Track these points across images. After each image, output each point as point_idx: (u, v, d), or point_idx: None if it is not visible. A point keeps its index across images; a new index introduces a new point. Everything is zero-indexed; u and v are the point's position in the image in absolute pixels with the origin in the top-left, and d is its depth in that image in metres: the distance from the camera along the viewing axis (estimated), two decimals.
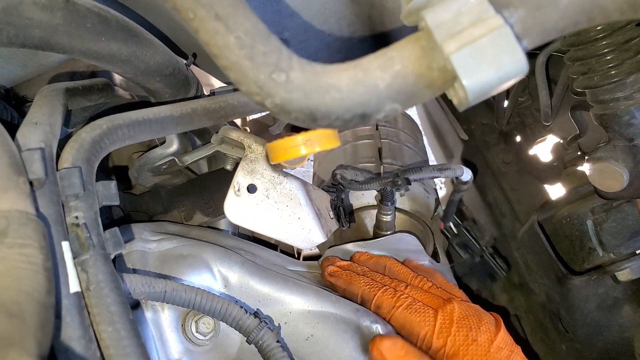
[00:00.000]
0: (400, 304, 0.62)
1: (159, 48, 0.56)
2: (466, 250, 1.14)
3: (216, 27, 0.34)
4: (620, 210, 0.81)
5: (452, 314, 0.60)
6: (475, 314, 0.61)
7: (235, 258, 0.63)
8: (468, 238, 1.14)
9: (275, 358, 0.53)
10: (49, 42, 0.46)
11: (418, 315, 0.61)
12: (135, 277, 0.49)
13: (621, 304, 0.88)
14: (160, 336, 0.58)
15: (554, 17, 0.33)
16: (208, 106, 0.57)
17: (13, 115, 0.64)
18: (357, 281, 0.67)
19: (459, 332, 0.58)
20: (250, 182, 0.63)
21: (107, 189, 0.47)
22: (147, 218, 0.78)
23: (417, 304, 0.62)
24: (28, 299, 0.33)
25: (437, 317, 0.60)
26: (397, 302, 0.63)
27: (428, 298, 0.64)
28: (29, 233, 0.36)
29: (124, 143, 0.51)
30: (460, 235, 1.14)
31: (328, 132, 0.49)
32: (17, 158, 0.40)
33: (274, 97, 0.34)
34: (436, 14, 0.33)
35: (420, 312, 0.61)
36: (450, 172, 0.85)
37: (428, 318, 0.60)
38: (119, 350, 0.40)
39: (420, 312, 0.61)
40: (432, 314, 0.61)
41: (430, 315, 0.61)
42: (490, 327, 0.60)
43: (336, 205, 0.80)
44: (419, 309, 0.62)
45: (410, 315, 0.61)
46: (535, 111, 1.14)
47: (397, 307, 0.62)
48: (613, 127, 0.71)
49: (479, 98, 0.32)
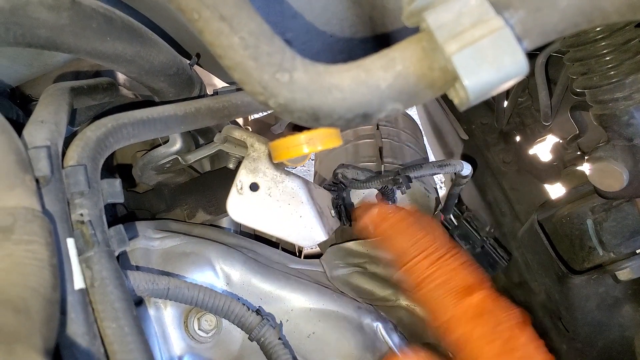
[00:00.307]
0: (429, 281, 0.61)
1: (163, 48, 0.57)
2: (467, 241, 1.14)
3: (221, 28, 0.34)
4: (620, 209, 0.81)
5: (471, 308, 0.59)
6: (493, 312, 0.60)
7: (238, 256, 0.64)
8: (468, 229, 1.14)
9: (277, 355, 0.53)
10: (55, 42, 0.47)
11: (441, 301, 0.60)
12: (138, 274, 0.49)
13: (621, 303, 0.88)
14: (162, 333, 0.59)
15: (553, 19, 0.33)
16: (211, 105, 0.58)
17: (19, 113, 0.64)
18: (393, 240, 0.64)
19: (475, 329, 0.58)
20: (252, 181, 0.63)
21: (111, 187, 0.48)
22: (151, 216, 0.78)
23: (444, 288, 0.61)
24: (34, 294, 0.33)
25: (461, 307, 0.59)
26: (426, 280, 0.61)
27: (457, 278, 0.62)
28: (35, 230, 0.37)
29: (128, 142, 0.51)
30: (461, 226, 1.14)
31: (330, 131, 0.50)
32: (24, 156, 0.41)
33: (277, 96, 0.34)
34: (437, 15, 0.33)
35: (443, 298, 0.60)
36: (450, 168, 0.85)
37: (449, 306, 0.59)
38: (122, 346, 0.41)
39: (444, 297, 0.60)
40: (454, 302, 0.60)
41: (452, 304, 0.60)
42: (505, 327, 0.58)
43: (337, 204, 0.80)
44: (443, 293, 0.60)
45: (434, 299, 0.60)
46: (535, 111, 1.14)
47: (425, 285, 0.61)
48: (612, 127, 0.71)
49: (480, 98, 0.33)
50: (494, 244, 1.13)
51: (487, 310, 0.60)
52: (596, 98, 0.71)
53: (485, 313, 0.59)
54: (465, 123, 1.28)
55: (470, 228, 1.14)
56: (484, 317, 0.59)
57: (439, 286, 0.61)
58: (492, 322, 0.58)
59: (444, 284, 0.61)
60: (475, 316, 0.59)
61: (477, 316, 0.59)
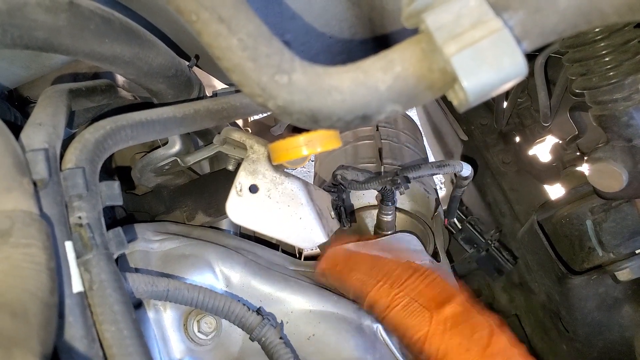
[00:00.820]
0: (396, 304, 0.61)
1: (162, 50, 0.57)
2: (471, 245, 1.14)
3: (219, 30, 0.34)
4: (620, 210, 0.82)
5: (446, 320, 0.59)
6: (469, 320, 0.60)
7: (237, 258, 0.64)
8: (473, 232, 1.13)
9: (279, 354, 0.53)
10: (52, 43, 0.46)
11: (413, 319, 0.60)
12: (138, 277, 0.49)
13: (621, 303, 0.88)
14: (162, 336, 0.58)
15: (553, 20, 0.33)
16: (210, 107, 0.57)
17: (16, 116, 0.64)
18: (349, 278, 0.65)
19: (452, 339, 0.57)
20: (252, 183, 0.63)
21: (110, 189, 0.47)
22: (150, 218, 0.78)
23: (413, 305, 0.61)
24: (32, 298, 0.33)
25: (431, 322, 0.59)
26: (393, 302, 0.61)
27: (428, 292, 0.63)
28: (32, 233, 0.37)
29: (127, 144, 0.51)
30: (465, 230, 1.14)
31: (329, 132, 0.50)
32: (21, 158, 0.41)
33: (276, 98, 0.34)
34: (436, 17, 0.33)
35: (415, 315, 0.60)
36: (449, 168, 0.85)
37: (423, 322, 0.59)
38: (121, 349, 0.41)
39: (416, 314, 0.60)
40: (427, 317, 0.60)
41: (425, 319, 0.59)
42: (483, 335, 0.58)
43: (337, 205, 0.80)
44: (414, 311, 0.60)
45: (405, 318, 0.60)
46: (534, 112, 1.14)
47: (392, 307, 0.61)
48: (612, 127, 0.72)
49: (479, 99, 0.33)
50: (499, 247, 1.13)
51: (462, 320, 0.59)
52: (595, 99, 0.71)
53: (460, 323, 0.59)
54: (465, 124, 1.28)
55: (475, 231, 1.14)
56: (459, 327, 0.58)
57: (407, 305, 0.61)
58: (468, 331, 0.58)
59: (411, 302, 0.61)
60: (451, 327, 0.58)
61: (452, 327, 0.58)
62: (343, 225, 0.81)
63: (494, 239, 1.14)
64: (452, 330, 0.58)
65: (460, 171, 0.88)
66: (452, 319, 0.59)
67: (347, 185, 0.84)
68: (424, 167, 0.84)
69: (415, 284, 0.65)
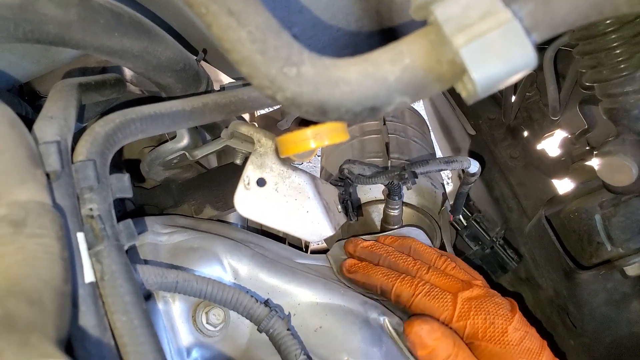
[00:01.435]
0: (419, 291, 0.64)
1: (170, 44, 0.57)
2: (476, 242, 1.14)
3: (228, 22, 0.34)
4: (629, 204, 0.81)
5: (470, 299, 0.62)
6: (492, 299, 0.63)
7: (245, 251, 0.64)
8: (478, 229, 1.13)
9: (287, 346, 0.53)
10: (63, 38, 0.47)
11: (437, 301, 0.63)
12: (147, 268, 0.50)
13: (630, 298, 0.87)
14: (171, 327, 0.59)
15: (563, 11, 0.33)
16: (219, 101, 0.58)
17: (27, 110, 0.65)
18: (374, 273, 0.67)
19: (477, 315, 0.61)
20: (259, 176, 0.64)
21: (120, 182, 0.48)
22: (158, 212, 0.79)
23: (435, 290, 0.64)
24: (46, 286, 0.34)
25: (456, 302, 0.62)
26: (416, 290, 0.64)
27: (448, 282, 0.66)
28: (46, 224, 0.37)
29: (136, 137, 0.51)
30: (470, 227, 1.14)
31: (337, 125, 0.50)
32: (35, 151, 0.41)
33: (285, 90, 0.34)
34: (445, 8, 0.33)
35: (438, 298, 0.63)
36: (457, 164, 0.85)
37: (446, 303, 0.62)
38: (132, 338, 0.41)
39: (439, 298, 0.63)
40: (451, 299, 0.63)
41: (448, 301, 0.63)
42: (506, 311, 0.62)
43: (344, 199, 0.81)
44: (437, 294, 0.63)
45: (429, 302, 0.63)
46: (543, 106, 1.13)
47: (416, 294, 0.64)
48: (622, 121, 0.71)
49: (488, 91, 0.33)
50: (504, 244, 1.13)
51: (486, 299, 0.63)
52: (606, 92, 0.70)
53: (485, 302, 0.62)
54: (473, 118, 1.27)
55: (480, 228, 1.14)
56: (483, 305, 0.62)
57: (430, 291, 0.64)
58: (492, 308, 0.62)
59: (433, 288, 0.64)
60: (475, 306, 0.62)
61: (477, 306, 0.62)
62: (350, 219, 0.82)
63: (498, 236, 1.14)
64: (477, 308, 0.61)
65: (467, 167, 0.87)
66: (476, 299, 0.62)
67: (354, 179, 0.84)
68: (431, 162, 0.84)
69: (443, 266, 0.69)
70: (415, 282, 0.65)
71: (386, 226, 0.86)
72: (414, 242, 0.74)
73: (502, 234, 1.13)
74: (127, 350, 0.41)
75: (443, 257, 0.71)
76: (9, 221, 0.35)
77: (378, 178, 0.83)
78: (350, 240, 0.76)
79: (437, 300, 0.63)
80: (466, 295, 0.63)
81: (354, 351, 0.60)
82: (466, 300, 0.63)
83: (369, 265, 0.70)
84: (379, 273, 0.67)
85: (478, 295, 0.63)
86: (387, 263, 0.70)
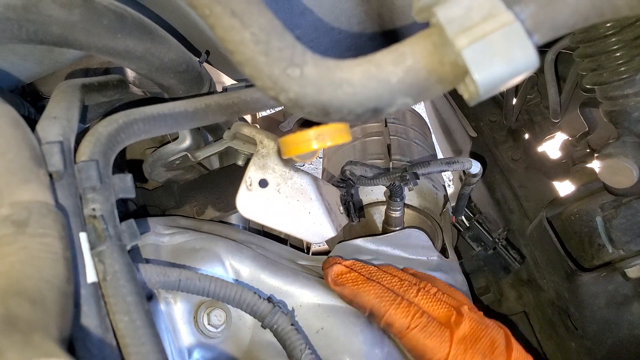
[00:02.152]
0: (415, 324, 0.59)
1: (173, 45, 0.57)
2: (479, 243, 1.14)
3: (232, 24, 0.34)
4: (630, 206, 0.81)
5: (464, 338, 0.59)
6: (487, 334, 0.60)
7: (247, 252, 0.64)
8: (480, 230, 1.13)
9: (291, 341, 0.53)
10: (67, 38, 0.47)
11: (432, 340, 0.58)
12: (150, 267, 0.50)
13: (631, 300, 0.87)
14: (173, 328, 0.59)
15: (564, 13, 0.33)
16: (221, 102, 0.58)
17: (30, 110, 0.65)
18: (365, 291, 0.62)
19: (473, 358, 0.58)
20: (261, 177, 0.64)
21: (123, 182, 0.48)
22: (160, 212, 0.79)
23: (432, 326, 0.59)
24: (49, 286, 0.34)
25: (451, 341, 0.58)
26: (412, 323, 0.59)
27: (439, 308, 0.62)
28: (49, 223, 0.37)
29: (139, 137, 0.52)
30: (472, 228, 1.14)
31: (339, 126, 0.50)
32: (38, 151, 0.42)
33: (288, 91, 0.34)
34: (447, 10, 0.33)
35: (435, 336, 0.59)
36: (459, 166, 0.85)
37: (443, 343, 0.58)
38: (134, 339, 0.41)
39: (435, 335, 0.59)
40: (447, 337, 0.59)
41: (445, 340, 0.59)
42: (502, 349, 0.59)
43: (346, 201, 0.81)
44: (433, 332, 0.59)
45: (424, 339, 0.59)
46: (544, 108, 1.13)
47: (411, 328, 0.59)
48: (623, 123, 0.71)
49: (490, 92, 0.33)
50: (506, 245, 1.13)
51: (480, 335, 0.60)
52: (606, 94, 0.71)
53: (480, 339, 0.59)
54: (474, 120, 1.27)
55: (482, 230, 1.13)
56: (479, 343, 0.59)
57: (426, 326, 0.59)
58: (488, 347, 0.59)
59: (430, 322, 0.60)
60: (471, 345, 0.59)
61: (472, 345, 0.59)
62: (352, 221, 0.82)
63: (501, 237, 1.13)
64: (473, 349, 0.58)
65: (469, 168, 0.87)
66: (470, 336, 0.59)
67: (356, 180, 0.84)
68: (433, 163, 0.84)
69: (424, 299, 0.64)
70: (412, 312, 0.60)
71: (388, 227, 0.87)
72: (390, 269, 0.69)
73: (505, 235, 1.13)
74: (129, 350, 0.41)
75: (424, 282, 0.66)
76: (12, 221, 0.35)
77: (380, 179, 0.83)
78: (328, 260, 0.69)
79: (432, 339, 0.58)
80: (461, 334, 0.59)
81: (355, 353, 0.60)
82: (461, 340, 0.58)
83: (359, 278, 0.63)
84: (370, 292, 0.61)
85: (472, 332, 0.59)
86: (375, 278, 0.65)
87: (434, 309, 0.62)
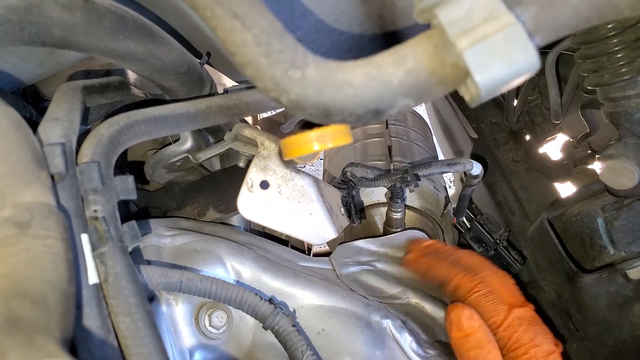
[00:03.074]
0: (478, 289, 0.66)
1: (174, 47, 0.57)
2: (480, 244, 1.14)
3: (233, 25, 0.34)
4: (632, 208, 0.81)
5: (522, 317, 0.64)
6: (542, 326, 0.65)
7: (248, 253, 0.64)
8: (481, 232, 1.13)
9: (293, 342, 0.53)
10: (68, 40, 0.47)
11: (491, 305, 0.64)
12: (151, 269, 0.50)
13: (632, 302, 0.87)
14: (174, 329, 0.59)
15: (565, 14, 0.33)
16: (222, 103, 0.58)
17: (31, 112, 0.65)
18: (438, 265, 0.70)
19: (526, 333, 0.62)
20: (263, 179, 0.64)
21: (124, 184, 0.48)
22: (161, 214, 0.79)
23: (493, 295, 0.65)
24: (51, 287, 0.34)
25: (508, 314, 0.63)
26: (475, 288, 0.66)
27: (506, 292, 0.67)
28: (51, 225, 0.37)
29: (141, 139, 0.52)
30: (473, 229, 1.14)
31: (340, 128, 0.50)
32: (39, 152, 0.42)
33: (289, 93, 0.34)
34: (449, 12, 0.33)
35: (494, 303, 0.64)
36: (460, 167, 0.85)
37: (500, 310, 0.64)
38: (136, 340, 0.41)
39: (495, 302, 0.64)
40: (505, 309, 0.64)
41: (502, 309, 0.64)
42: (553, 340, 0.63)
43: (347, 202, 0.81)
44: (493, 299, 0.65)
45: (484, 303, 0.65)
46: (545, 110, 1.13)
47: (474, 291, 0.65)
48: (624, 124, 0.71)
49: (491, 94, 0.33)
50: (508, 246, 1.13)
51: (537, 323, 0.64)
52: (607, 96, 0.71)
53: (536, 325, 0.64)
54: (475, 122, 1.27)
55: (484, 231, 1.13)
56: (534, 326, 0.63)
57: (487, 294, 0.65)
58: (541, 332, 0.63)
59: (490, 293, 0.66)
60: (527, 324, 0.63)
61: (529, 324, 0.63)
62: (353, 222, 0.82)
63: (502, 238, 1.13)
64: (528, 327, 0.63)
65: (470, 170, 0.87)
66: (528, 319, 0.64)
67: (357, 182, 0.84)
68: (434, 165, 0.84)
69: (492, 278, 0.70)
70: (477, 280, 0.67)
71: (389, 229, 0.87)
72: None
73: (506, 236, 1.13)
74: (130, 351, 0.41)
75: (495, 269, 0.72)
76: (14, 223, 0.35)
77: (381, 181, 0.83)
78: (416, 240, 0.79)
79: (492, 304, 0.64)
80: (520, 313, 0.64)
81: (356, 354, 0.60)
82: (521, 314, 0.64)
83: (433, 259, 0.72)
84: (442, 266, 0.70)
85: (531, 317, 0.64)
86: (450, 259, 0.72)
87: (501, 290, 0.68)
